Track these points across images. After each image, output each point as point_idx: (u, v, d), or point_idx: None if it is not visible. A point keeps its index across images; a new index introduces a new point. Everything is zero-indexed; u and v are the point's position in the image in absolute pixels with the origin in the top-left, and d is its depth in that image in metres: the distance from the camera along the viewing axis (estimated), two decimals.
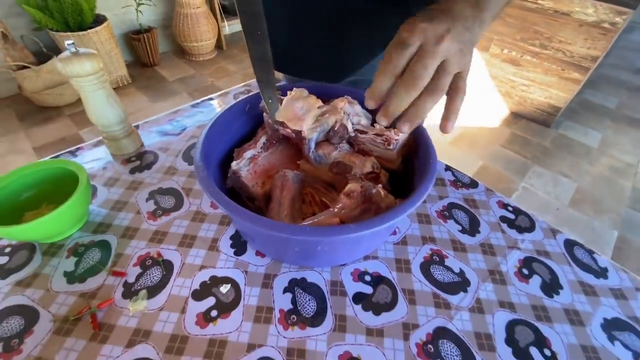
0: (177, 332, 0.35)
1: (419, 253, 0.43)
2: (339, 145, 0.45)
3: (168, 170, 0.53)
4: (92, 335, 0.34)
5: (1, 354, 0.33)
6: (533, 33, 1.95)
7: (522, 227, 0.48)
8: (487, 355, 0.35)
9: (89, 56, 0.46)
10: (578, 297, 0.41)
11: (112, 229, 0.44)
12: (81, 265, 0.40)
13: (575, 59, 1.88)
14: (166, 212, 0.47)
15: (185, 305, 0.37)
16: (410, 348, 0.34)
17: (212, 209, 0.47)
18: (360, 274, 0.41)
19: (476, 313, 0.38)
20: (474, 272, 0.42)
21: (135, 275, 0.39)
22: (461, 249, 0.44)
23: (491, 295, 0.40)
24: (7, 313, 0.36)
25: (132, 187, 0.50)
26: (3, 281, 0.38)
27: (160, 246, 0.42)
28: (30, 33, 1.99)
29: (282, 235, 0.32)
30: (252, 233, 0.40)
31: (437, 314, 0.37)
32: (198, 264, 0.41)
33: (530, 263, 0.43)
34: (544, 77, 2.03)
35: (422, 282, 0.40)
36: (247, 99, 0.48)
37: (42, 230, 0.39)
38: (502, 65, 2.16)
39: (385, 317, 0.37)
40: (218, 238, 0.44)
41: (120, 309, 0.36)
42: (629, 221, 1.61)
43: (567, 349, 0.36)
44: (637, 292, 0.42)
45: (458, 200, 0.51)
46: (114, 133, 0.53)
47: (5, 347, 0.33)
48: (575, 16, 1.78)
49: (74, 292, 0.37)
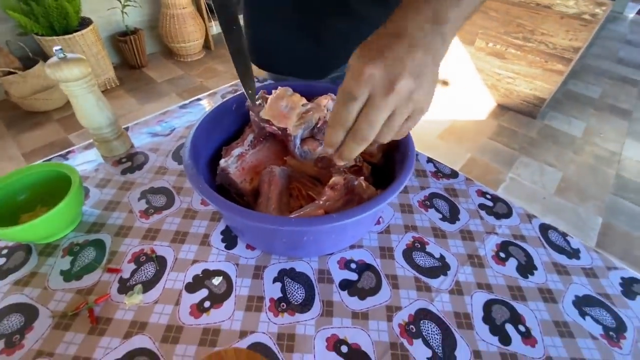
0: (172, 323, 0.36)
1: (402, 241, 0.46)
2: (322, 141, 0.47)
3: (159, 170, 0.55)
4: (90, 329, 0.36)
5: (3, 349, 0.34)
6: (516, 26, 1.99)
7: (499, 214, 0.50)
8: (466, 333, 0.37)
9: (77, 61, 0.47)
10: (551, 276, 0.43)
11: (106, 228, 0.46)
12: (77, 264, 0.42)
13: (557, 51, 1.92)
14: (158, 210, 0.48)
15: (179, 298, 0.38)
16: (393, 329, 0.37)
17: (203, 206, 0.49)
18: (346, 262, 0.43)
19: (455, 295, 0.40)
20: (454, 256, 0.44)
21: (130, 271, 0.41)
22: (442, 236, 0.47)
23: (470, 278, 0.42)
24: (7, 311, 0.37)
25: (124, 188, 0.51)
26: (2, 281, 0.40)
27: (154, 243, 0.44)
28: (15, 38, 1.96)
29: (270, 227, 0.34)
30: (242, 227, 0.42)
31: (418, 297, 0.40)
32: (190, 259, 0.42)
33: (507, 247, 0.46)
34: (528, 70, 2.07)
35: (405, 268, 0.42)
36: (234, 99, 0.50)
37: (37, 231, 0.41)
38: (487, 59, 2.20)
39: (370, 301, 0.39)
40: (209, 234, 0.45)
41: (116, 303, 0.38)
42: (613, 208, 1.66)
43: (540, 324, 0.38)
44: (607, 271, 0.45)
45: (439, 190, 0.53)
46: (104, 135, 0.54)
47: (7, 342, 0.35)
48: (557, 9, 1.82)
49: (71, 289, 0.39)
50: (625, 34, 3.38)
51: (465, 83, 2.39)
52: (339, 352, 0.35)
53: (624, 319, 0.40)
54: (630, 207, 1.67)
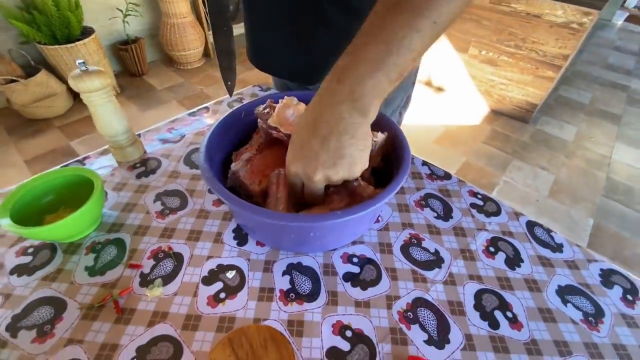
0: (191, 313, 0.40)
1: (399, 237, 0.49)
2: None
3: (171, 174, 0.58)
4: (115, 318, 0.39)
5: (35, 338, 0.37)
6: (508, 35, 2.06)
7: (489, 212, 0.54)
8: (459, 319, 0.41)
9: (98, 73, 0.50)
10: (536, 268, 0.47)
11: (125, 228, 0.49)
12: (100, 260, 0.45)
13: (548, 58, 1.99)
14: (173, 211, 0.52)
15: (197, 290, 0.42)
16: (392, 315, 0.40)
17: (215, 207, 0.53)
18: (349, 256, 0.46)
19: (449, 285, 0.44)
20: (447, 251, 0.48)
21: (149, 266, 0.44)
22: (436, 232, 0.50)
23: (462, 270, 0.46)
24: (37, 304, 0.40)
25: (139, 191, 0.55)
26: (29, 277, 0.43)
27: (170, 241, 0.47)
28: (17, 47, 2.00)
29: (280, 223, 0.38)
30: (252, 224, 0.45)
31: (415, 287, 0.43)
32: (205, 255, 0.46)
33: (496, 242, 0.50)
34: (520, 76, 2.13)
35: (402, 262, 0.46)
36: (242, 107, 0.54)
37: (62, 231, 0.44)
38: (480, 66, 2.26)
39: (371, 291, 0.43)
40: (222, 232, 0.49)
41: (139, 295, 0.41)
42: (604, 209, 1.72)
43: (526, 311, 0.42)
44: (588, 263, 0.49)
45: (433, 191, 0.57)
46: (119, 142, 0.58)
47: (38, 332, 0.38)
48: (546, 18, 1.89)
49: (96, 284, 0.42)
50: (614, 41, 3.48)
51: (460, 89, 2.45)
52: (344, 336, 0.38)
53: (602, 306, 0.43)
54: (620, 209, 1.72)
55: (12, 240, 0.47)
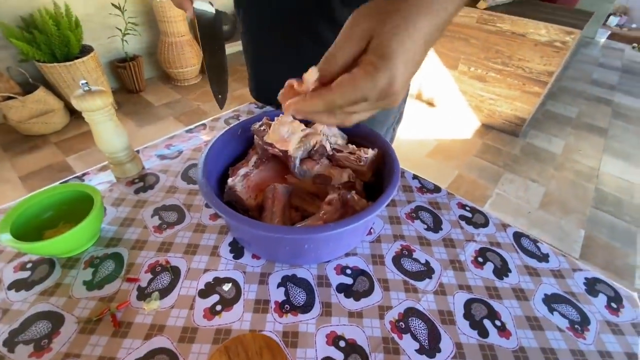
0: (188, 325, 0.40)
1: (391, 249, 0.51)
2: (319, 160, 0.53)
3: (169, 189, 0.60)
4: (113, 332, 0.40)
5: (33, 353, 0.38)
6: (495, 52, 2.14)
7: (477, 223, 0.56)
8: (449, 328, 0.42)
9: (100, 93, 0.52)
10: (524, 277, 0.49)
11: (123, 243, 0.50)
12: (98, 275, 0.46)
13: (534, 75, 2.06)
14: (170, 225, 0.53)
15: (193, 303, 0.43)
16: (385, 325, 0.41)
17: (212, 221, 0.54)
18: (342, 268, 0.48)
19: (439, 295, 0.45)
20: (437, 262, 0.50)
21: (147, 280, 0.45)
22: (426, 244, 0.52)
23: (452, 280, 0.47)
24: (35, 318, 0.41)
25: (137, 206, 0.56)
26: (27, 292, 0.44)
27: (168, 255, 0.48)
28: (16, 64, 2.03)
29: (276, 236, 0.40)
30: (248, 238, 0.47)
31: (407, 297, 0.45)
32: (202, 268, 0.47)
33: (485, 252, 0.52)
34: (508, 92, 2.20)
35: (394, 272, 0.48)
36: (239, 125, 0.56)
37: (62, 245, 0.45)
38: (470, 82, 2.34)
39: (363, 302, 0.44)
40: (218, 245, 0.50)
41: (136, 309, 0.42)
42: (594, 220, 1.75)
43: (514, 319, 0.44)
44: (573, 272, 0.51)
45: (424, 204, 0.59)
46: (119, 158, 0.60)
47: (36, 347, 0.38)
48: (531, 37, 1.98)
49: (94, 297, 0.43)
50: (597, 58, 3.61)
51: (451, 104, 2.52)
52: (337, 346, 0.39)
53: (587, 314, 0.45)
54: (610, 220, 1.76)
55: (11, 256, 0.48)
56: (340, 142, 0.56)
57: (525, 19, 1.95)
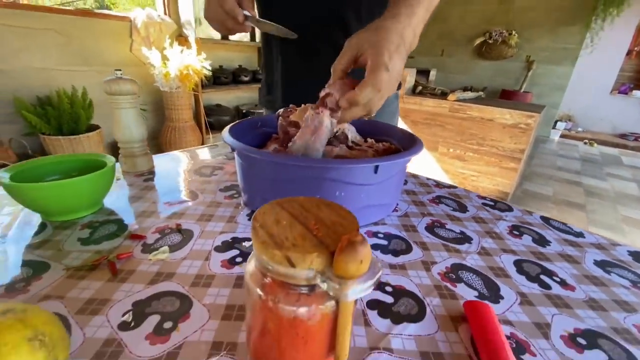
0: (203, 273, 0.34)
1: (421, 222, 0.48)
2: (339, 145, 0.54)
3: (181, 179, 0.57)
4: (109, 278, 0.32)
5: (3, 294, 0.30)
6: (469, 135, 2.40)
7: (502, 209, 0.55)
8: (505, 280, 0.36)
9: (129, 81, 0.55)
10: (566, 248, 0.45)
11: (128, 212, 0.45)
12: (96, 234, 0.39)
13: (507, 152, 2.28)
14: (182, 201, 0.49)
15: (209, 255, 0.37)
16: (433, 275, 0.36)
17: (227, 200, 0.50)
18: (374, 233, 0.43)
19: (484, 255, 0.41)
20: (473, 232, 0.46)
21: (154, 239, 0.39)
22: (457, 220, 0.49)
23: (493, 245, 0.43)
24: (12, 265, 0.33)
25: (147, 189, 0.52)
26: (5, 244, 0.36)
27: (179, 221, 0.43)
28: (20, 137, 2.09)
29: (317, 166, 0.38)
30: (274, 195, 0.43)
31: (450, 256, 0.40)
32: (218, 230, 0.42)
33: (518, 228, 0.49)
34: (487, 168, 2.38)
35: (430, 237, 0.43)
36: (259, 118, 0.58)
37: (64, 194, 0.40)
38: (451, 161, 2.53)
39: (403, 258, 0.39)
40: (235, 216, 0.46)
41: (140, 259, 0.35)
42: None
43: (572, 276, 0.39)
44: (613, 246, 0.47)
45: (444, 194, 0.58)
46: (133, 149, 0.58)
47: (7, 289, 0.30)
48: (498, 121, 2.26)
49: (89, 250, 0.36)
50: (557, 150, 4.07)
51: None
52: (384, 291, 0.33)
53: None
54: None
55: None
56: (359, 138, 0.58)
57: (490, 107, 2.27)
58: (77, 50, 2.29)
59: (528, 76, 4.19)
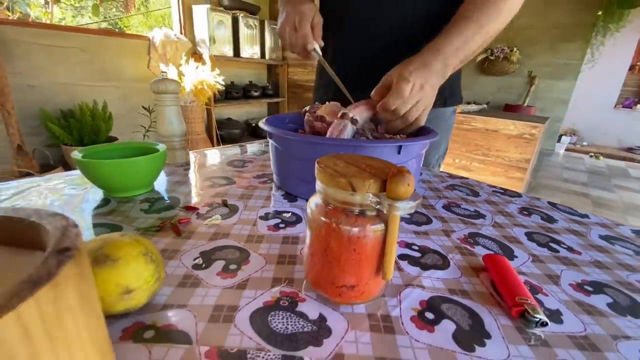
0: (253, 234, 0.39)
1: (438, 202, 0.53)
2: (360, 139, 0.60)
3: (216, 170, 0.63)
4: (174, 237, 0.38)
5: None
6: (475, 146, 2.45)
7: (512, 195, 0.59)
8: (518, 245, 0.41)
9: (173, 81, 0.62)
10: (572, 225, 0.50)
11: (177, 192, 0.51)
12: (154, 206, 0.45)
13: (513, 162, 2.32)
14: (221, 185, 0.54)
15: (256, 222, 0.42)
16: (454, 240, 0.41)
17: (262, 185, 0.56)
18: None
19: (498, 227, 0.45)
20: (486, 211, 0.51)
21: (205, 210, 0.45)
22: (471, 202, 0.54)
23: (505, 221, 0.48)
24: (91, 226, 0.39)
25: (187, 176, 0.58)
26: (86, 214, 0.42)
27: (224, 197, 0.49)
28: (43, 148, 2.19)
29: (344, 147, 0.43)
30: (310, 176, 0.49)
31: (467, 227, 0.45)
32: (259, 205, 0.47)
33: (528, 209, 0.53)
34: (493, 178, 2.42)
35: (448, 214, 0.48)
36: (287, 115, 0.65)
37: (118, 173, 0.45)
38: (457, 172, 2.58)
39: (425, 227, 0.44)
40: (270, 196, 0.51)
41: (197, 224, 0.40)
42: None
43: (578, 245, 0.43)
44: (617, 225, 0.52)
45: (457, 183, 0.63)
46: (173, 143, 0.65)
47: None
48: (503, 132, 2.32)
49: (152, 217, 0.42)
50: (562, 163, 4.09)
51: None
52: (411, 249, 0.38)
53: None
54: None
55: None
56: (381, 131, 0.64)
57: (494, 118, 2.34)
58: (98, 67, 2.43)
59: (530, 91, 4.28)
